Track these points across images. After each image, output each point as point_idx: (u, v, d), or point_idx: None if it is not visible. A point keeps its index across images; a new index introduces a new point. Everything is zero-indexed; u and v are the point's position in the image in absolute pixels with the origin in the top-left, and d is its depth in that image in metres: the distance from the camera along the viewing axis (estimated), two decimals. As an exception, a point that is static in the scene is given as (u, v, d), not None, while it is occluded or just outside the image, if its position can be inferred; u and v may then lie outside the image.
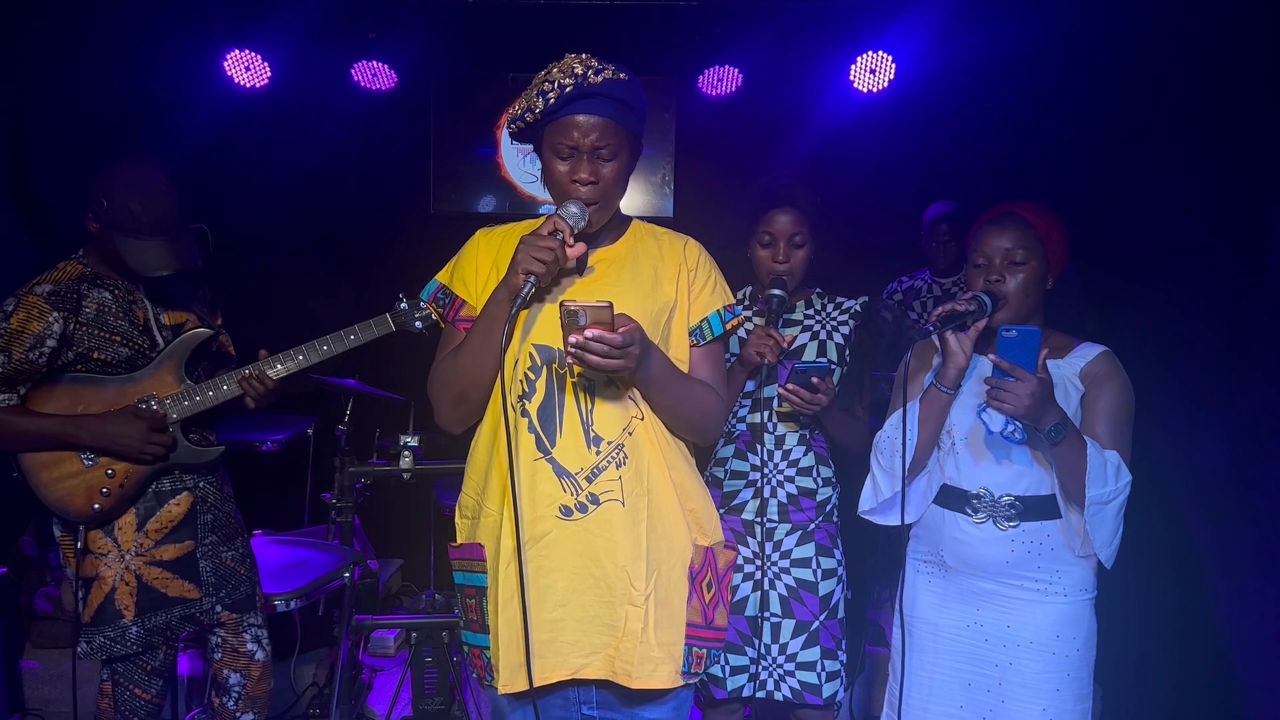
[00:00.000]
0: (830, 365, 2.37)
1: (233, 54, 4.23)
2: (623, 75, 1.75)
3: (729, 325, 1.90)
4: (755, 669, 2.35)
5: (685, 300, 1.87)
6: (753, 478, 2.38)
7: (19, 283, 2.31)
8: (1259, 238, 2.58)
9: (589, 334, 1.60)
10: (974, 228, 2.09)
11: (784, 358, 2.35)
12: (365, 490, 3.25)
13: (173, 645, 2.47)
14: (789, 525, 2.37)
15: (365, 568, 3.24)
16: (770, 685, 2.35)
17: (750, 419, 2.39)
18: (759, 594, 2.35)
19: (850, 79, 4.29)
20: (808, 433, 2.40)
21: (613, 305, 1.60)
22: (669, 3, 4.19)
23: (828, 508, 2.41)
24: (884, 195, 4.34)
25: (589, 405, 1.76)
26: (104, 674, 2.41)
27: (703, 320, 1.88)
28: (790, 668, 2.35)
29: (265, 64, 4.28)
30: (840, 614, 2.39)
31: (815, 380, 2.19)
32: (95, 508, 2.33)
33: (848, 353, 2.41)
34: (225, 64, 4.24)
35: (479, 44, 4.47)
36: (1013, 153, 4.07)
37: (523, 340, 1.78)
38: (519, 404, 1.77)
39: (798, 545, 2.37)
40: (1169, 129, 3.11)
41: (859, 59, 4.25)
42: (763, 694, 2.36)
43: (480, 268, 1.87)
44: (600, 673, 1.76)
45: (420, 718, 3.25)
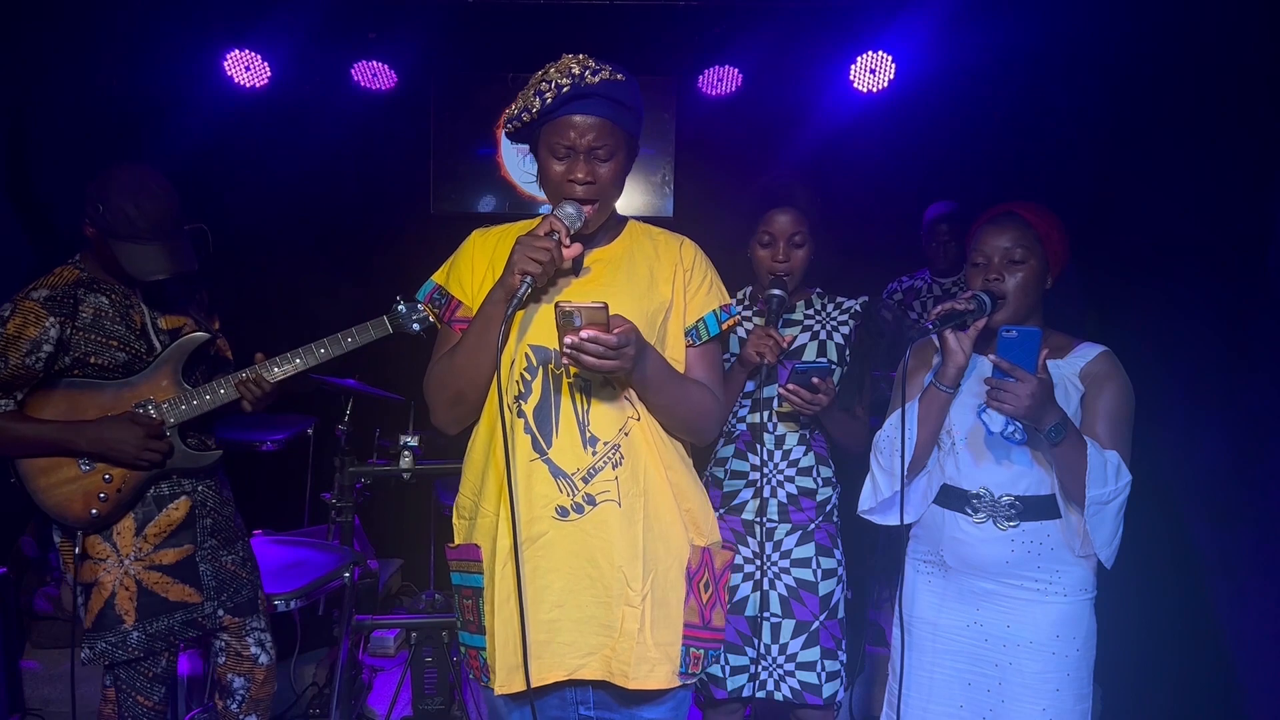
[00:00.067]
0: (830, 365, 2.37)
1: (233, 54, 4.23)
2: (620, 76, 1.75)
3: (725, 325, 1.90)
4: (755, 669, 2.35)
5: (681, 300, 1.87)
6: (753, 478, 2.38)
7: (19, 283, 2.30)
8: (1259, 238, 2.58)
9: (584, 335, 1.59)
10: (974, 227, 2.09)
11: (784, 358, 2.35)
12: (365, 490, 3.25)
13: (174, 652, 2.46)
14: (789, 525, 2.37)
15: (365, 568, 3.24)
16: (770, 685, 2.35)
17: (750, 419, 2.39)
18: (759, 594, 2.35)
19: (850, 79, 4.28)
20: (808, 433, 2.40)
21: (608, 306, 1.60)
22: (669, 3, 4.19)
23: (828, 508, 2.41)
24: (884, 195, 4.33)
25: (585, 406, 1.76)
26: (106, 680, 2.40)
27: (699, 320, 1.88)
28: (790, 668, 2.34)
29: (265, 64, 4.28)
30: (840, 614, 2.39)
31: (815, 380, 2.19)
32: (93, 513, 2.32)
33: (848, 353, 2.41)
34: (225, 64, 4.23)
35: (479, 44, 4.46)
36: (1013, 153, 4.07)
37: (519, 341, 1.78)
38: (515, 404, 1.77)
39: (798, 545, 2.37)
40: (1169, 129, 3.11)
41: (859, 59, 4.24)
42: (763, 694, 2.36)
43: (476, 268, 1.87)
44: (597, 673, 1.76)
45: (420, 718, 3.25)
